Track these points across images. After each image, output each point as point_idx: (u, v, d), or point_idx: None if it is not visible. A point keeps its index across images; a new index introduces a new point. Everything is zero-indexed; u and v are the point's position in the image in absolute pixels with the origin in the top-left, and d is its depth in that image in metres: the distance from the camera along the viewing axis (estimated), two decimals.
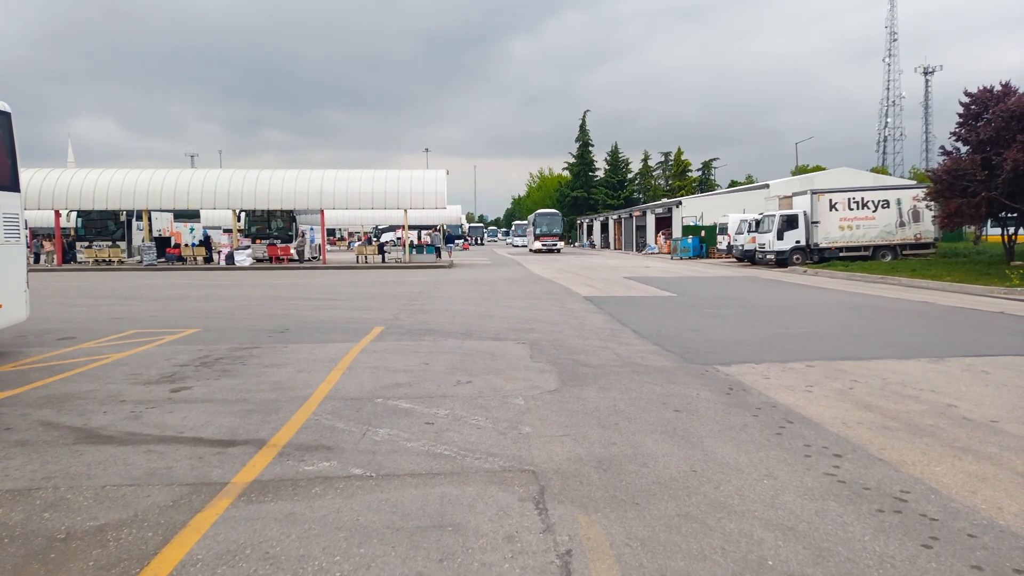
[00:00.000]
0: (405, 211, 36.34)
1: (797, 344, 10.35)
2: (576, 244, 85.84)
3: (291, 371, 8.37)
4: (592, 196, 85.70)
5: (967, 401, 6.83)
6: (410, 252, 37.96)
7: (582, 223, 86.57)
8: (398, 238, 52.13)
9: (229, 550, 3.69)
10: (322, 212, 37.62)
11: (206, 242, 39.03)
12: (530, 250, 60.25)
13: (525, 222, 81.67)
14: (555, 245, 57.58)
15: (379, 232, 62.46)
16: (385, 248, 39.19)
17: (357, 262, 37.04)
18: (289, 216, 38.82)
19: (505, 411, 6.49)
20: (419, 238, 49.45)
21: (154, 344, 10.45)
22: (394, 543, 3.76)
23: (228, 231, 41.17)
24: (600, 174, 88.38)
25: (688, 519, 4.08)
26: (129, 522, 4.05)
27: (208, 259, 36.28)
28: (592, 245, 78.63)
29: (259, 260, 36.15)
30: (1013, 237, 24.76)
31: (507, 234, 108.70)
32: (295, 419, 6.21)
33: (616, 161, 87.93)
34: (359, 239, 62.09)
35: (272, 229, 38.58)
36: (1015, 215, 22.38)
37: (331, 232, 72.36)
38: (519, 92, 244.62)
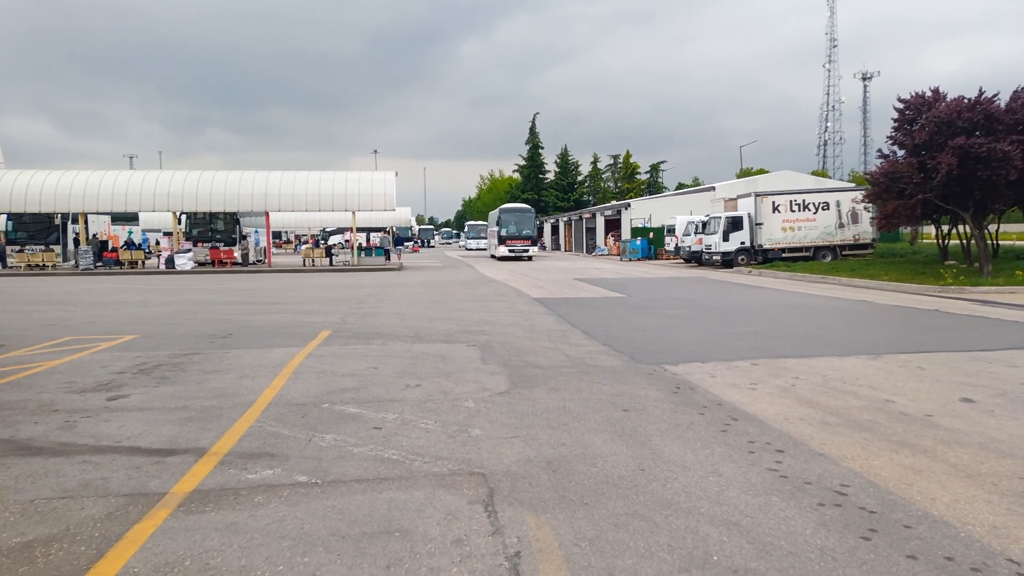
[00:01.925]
0: (353, 213, 35.85)
1: (742, 343, 10.56)
2: None
3: (234, 377, 8.16)
4: (542, 198, 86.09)
5: (903, 396, 7.06)
6: (358, 255, 37.48)
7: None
8: (346, 241, 51.48)
9: (168, 562, 3.56)
10: (267, 214, 36.86)
11: (140, 245, 37.85)
12: (494, 256, 46.96)
13: (481, 223, 78.39)
14: (526, 251, 44.43)
15: (326, 235, 61.40)
16: (333, 251, 38.63)
17: (304, 265, 36.43)
18: (232, 219, 37.92)
19: (455, 414, 6.45)
20: (368, 240, 48.90)
21: (90, 351, 10.07)
22: (340, 551, 3.69)
23: (168, 234, 39.99)
24: (550, 176, 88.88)
25: (636, 517, 4.11)
26: (60, 537, 3.87)
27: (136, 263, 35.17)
28: (543, 247, 78.94)
29: (201, 264, 35.22)
30: (947, 237, 25.79)
31: (456, 236, 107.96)
32: (238, 426, 6.05)
33: (566, 163, 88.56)
34: (306, 242, 60.37)
35: (215, 232, 37.66)
36: (948, 216, 23.28)
37: (277, 235, 71.01)
38: (469, 93, 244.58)
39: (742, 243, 31.45)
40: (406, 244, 62.64)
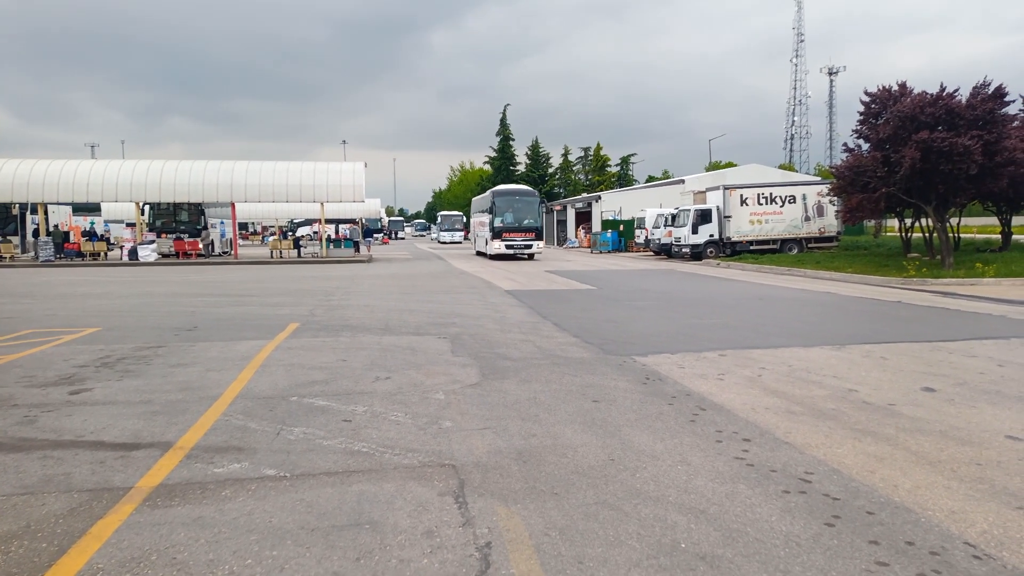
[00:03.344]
0: (322, 205, 35.44)
1: (710, 334, 10.68)
2: None
3: (200, 370, 8.04)
4: None
5: (866, 386, 7.20)
6: (327, 247, 37.07)
7: None
8: (314, 232, 50.85)
9: (133, 557, 3.51)
10: (233, 205, 36.24)
11: (102, 236, 37.06)
12: (482, 254, 37.88)
13: (454, 213, 74.12)
14: (529, 247, 34.50)
15: (294, 226, 60.60)
16: (301, 243, 38.18)
17: (271, 257, 35.94)
18: (197, 209, 37.26)
19: (425, 406, 6.43)
20: (336, 232, 48.40)
21: (51, 344, 9.84)
22: (309, 544, 3.66)
23: (131, 225, 39.19)
24: (521, 168, 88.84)
25: (605, 507, 4.14)
26: (20, 534, 3.79)
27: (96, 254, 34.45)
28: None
29: (165, 255, 34.57)
30: (909, 231, 26.34)
31: (427, 228, 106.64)
32: (204, 420, 5.96)
33: (537, 155, 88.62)
34: (273, 233, 59.31)
35: (179, 223, 36.99)
36: (912, 209, 23.76)
37: (243, 226, 69.86)
38: (439, 84, 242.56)
39: (711, 236, 31.78)
40: (376, 236, 62.14)
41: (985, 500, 4.23)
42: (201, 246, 35.57)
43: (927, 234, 24.52)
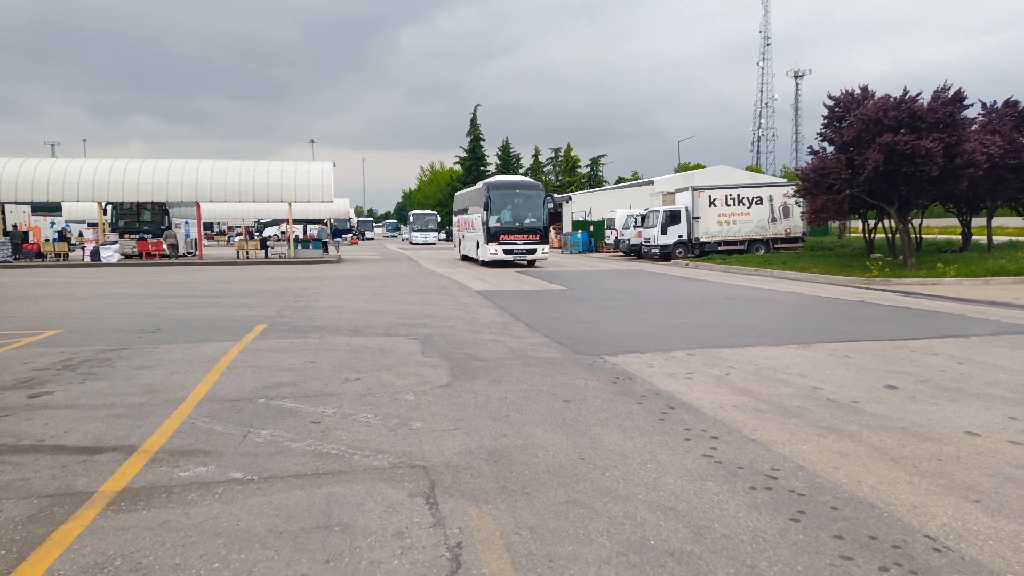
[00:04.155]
0: (290, 205, 35.05)
1: (679, 334, 10.79)
2: None
3: (164, 373, 7.91)
4: None
5: (831, 384, 7.33)
6: (295, 247, 36.70)
7: None
8: (282, 232, 50.28)
9: (96, 563, 3.43)
10: (198, 205, 35.70)
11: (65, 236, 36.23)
12: (467, 258, 32.98)
13: (427, 212, 69.62)
14: (531, 251, 28.33)
15: (261, 226, 59.70)
16: (268, 243, 37.75)
17: (238, 258, 35.46)
18: (161, 209, 36.64)
19: (395, 407, 6.39)
20: (305, 232, 47.90)
21: (10, 347, 9.59)
22: (277, 547, 3.62)
23: (93, 225, 38.37)
24: (492, 168, 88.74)
25: (576, 505, 4.16)
26: None
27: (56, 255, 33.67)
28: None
29: (128, 256, 33.90)
30: (873, 232, 26.87)
31: (397, 228, 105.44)
32: (169, 423, 5.86)
33: (507, 156, 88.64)
34: (239, 234, 57.99)
35: (143, 223, 36.32)
36: (875, 211, 24.24)
37: (208, 226, 68.78)
38: (409, 83, 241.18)
39: (680, 236, 32.09)
40: (345, 236, 61.60)
41: (945, 494, 4.34)
42: (165, 247, 34.97)
43: (890, 235, 25.03)
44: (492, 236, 28.02)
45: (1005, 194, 23.82)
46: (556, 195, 58.50)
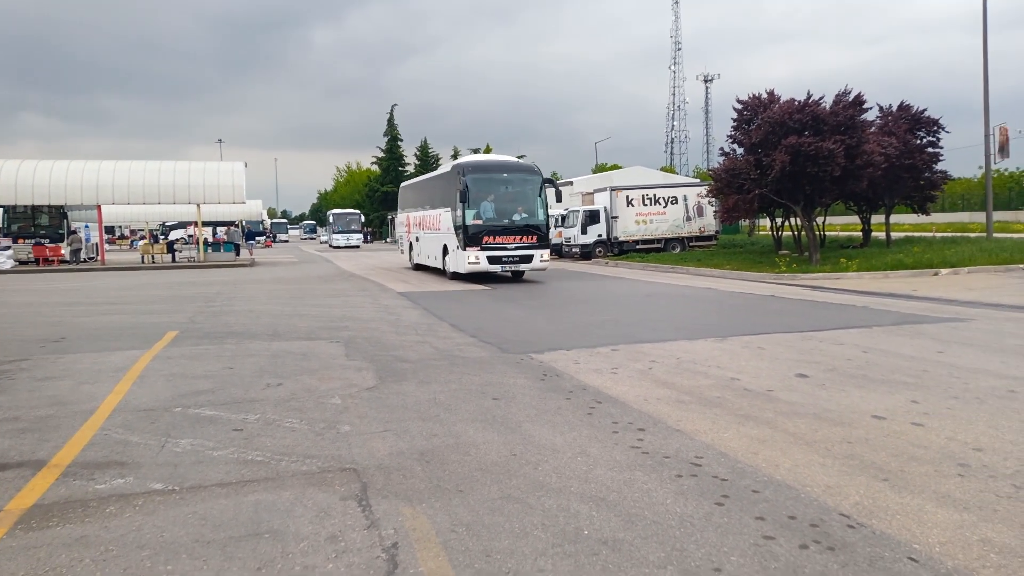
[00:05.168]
0: (198, 206, 33.72)
1: (603, 330, 11.00)
2: (388, 240, 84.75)
3: (71, 383, 7.49)
4: None
5: (747, 374, 7.64)
6: (205, 250, 35.35)
7: (393, 218, 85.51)
8: (190, 235, 48.30)
9: None
10: (99, 208, 33.90)
11: None
12: (442, 272, 22.71)
13: (350, 212, 62.89)
14: (528, 258, 20.37)
15: (167, 229, 56.78)
16: (175, 246, 36.23)
17: (143, 262, 33.85)
18: (59, 212, 34.62)
19: (321, 411, 6.27)
20: (214, 235, 46.06)
21: None
22: (205, 556, 3.50)
23: None
24: (411, 169, 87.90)
25: (510, 500, 4.19)
26: None
27: None
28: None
29: (23, 263, 31.90)
30: (780, 229, 28.12)
31: (313, 230, 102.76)
32: (80, 435, 5.56)
33: (426, 156, 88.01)
34: (143, 237, 54.23)
35: (39, 227, 34.23)
36: (782, 209, 25.36)
37: (110, 230, 65.24)
38: (323, 82, 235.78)
39: (599, 236, 32.67)
40: (258, 239, 59.58)
41: (856, 475, 4.60)
42: (65, 252, 33.07)
43: (796, 232, 26.23)
44: (471, 239, 19.85)
45: (901, 192, 25.40)
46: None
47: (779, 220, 27.72)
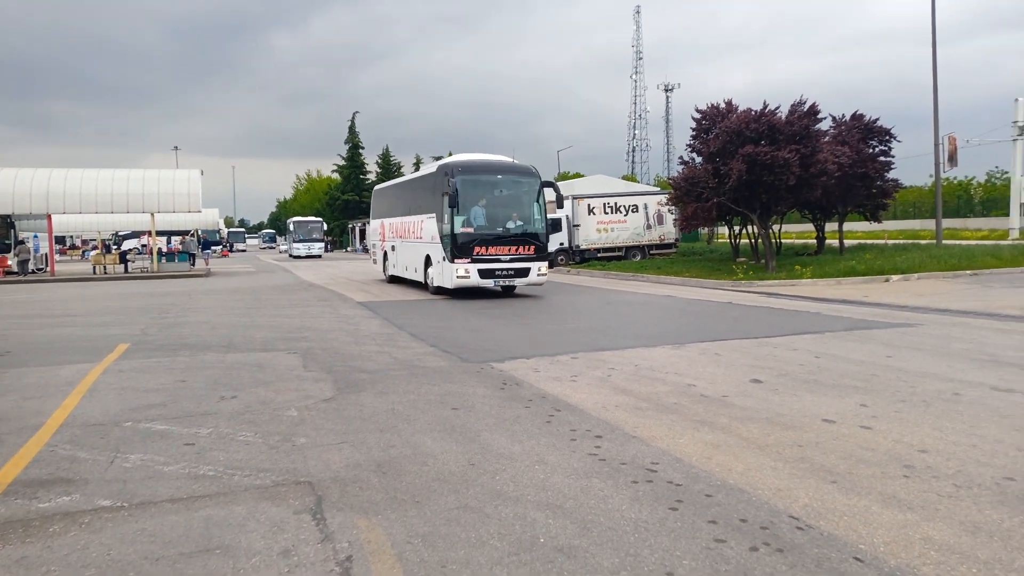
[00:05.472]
0: (152, 216, 33.00)
1: (564, 339, 11.06)
2: (348, 249, 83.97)
3: (15, 399, 7.26)
4: (364, 200, 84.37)
5: (703, 380, 7.76)
6: (159, 260, 34.57)
7: (354, 227, 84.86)
8: (144, 245, 47.24)
9: None
10: (49, 217, 32.96)
11: None
12: (424, 286, 20.24)
13: (311, 219, 61.09)
14: (524, 271, 18.21)
15: (119, 239, 55.24)
16: (128, 257, 35.38)
17: (95, 273, 32.97)
18: (6, 222, 33.58)
19: (276, 424, 6.18)
20: (169, 245, 45.05)
21: None
22: (154, 574, 3.42)
23: None
24: (372, 177, 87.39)
25: (467, 510, 4.19)
26: None
27: None
28: (365, 249, 75.92)
29: None
30: (738, 237, 28.63)
31: (273, 239, 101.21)
32: (24, 452, 5.39)
33: (388, 164, 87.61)
34: (95, 247, 52.39)
35: None
36: (739, 217, 25.83)
37: (60, 240, 63.36)
38: (283, 88, 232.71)
39: (561, 244, 32.84)
40: (214, 248, 58.40)
41: (806, 477, 4.70)
42: (12, 263, 32.05)
43: (753, 240, 26.73)
44: (461, 249, 17.70)
45: (854, 200, 26.06)
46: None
47: (737, 228, 28.22)
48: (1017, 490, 4.40)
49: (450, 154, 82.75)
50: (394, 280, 23.96)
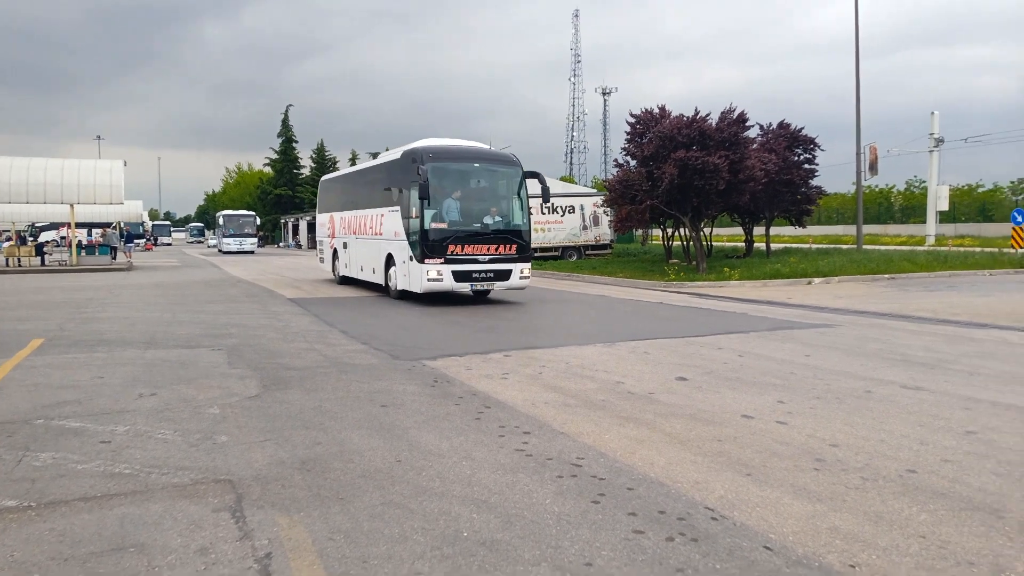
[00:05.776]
0: (72, 207, 31.56)
1: (497, 336, 11.11)
2: (281, 244, 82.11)
3: None
4: (297, 194, 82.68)
5: (631, 378, 7.92)
6: (78, 253, 33.09)
7: (287, 222, 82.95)
8: (62, 237, 45.18)
9: None
10: None
11: None
12: (387, 289, 17.59)
13: (243, 214, 59.17)
14: (505, 273, 15.81)
15: (36, 231, 52.67)
16: (45, 249, 33.74)
17: (8, 265, 31.39)
18: None
19: (197, 422, 6.02)
20: (89, 237, 43.15)
21: None
22: (62, 574, 3.30)
23: None
24: (306, 172, 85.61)
25: (392, 506, 4.18)
26: None
27: None
28: (298, 245, 74.54)
29: None
30: (671, 239, 29.27)
31: (201, 233, 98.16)
32: None
33: (323, 159, 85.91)
34: (9, 239, 50.03)
35: None
36: (672, 220, 26.40)
37: None
38: (214, 79, 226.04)
39: None
40: (137, 242, 56.18)
41: (723, 470, 4.87)
42: None
43: (685, 242, 27.36)
44: (432, 248, 15.15)
45: (780, 206, 27.00)
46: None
47: (670, 230, 28.84)
48: (918, 482, 4.66)
49: (387, 149, 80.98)
50: (346, 282, 21.49)
